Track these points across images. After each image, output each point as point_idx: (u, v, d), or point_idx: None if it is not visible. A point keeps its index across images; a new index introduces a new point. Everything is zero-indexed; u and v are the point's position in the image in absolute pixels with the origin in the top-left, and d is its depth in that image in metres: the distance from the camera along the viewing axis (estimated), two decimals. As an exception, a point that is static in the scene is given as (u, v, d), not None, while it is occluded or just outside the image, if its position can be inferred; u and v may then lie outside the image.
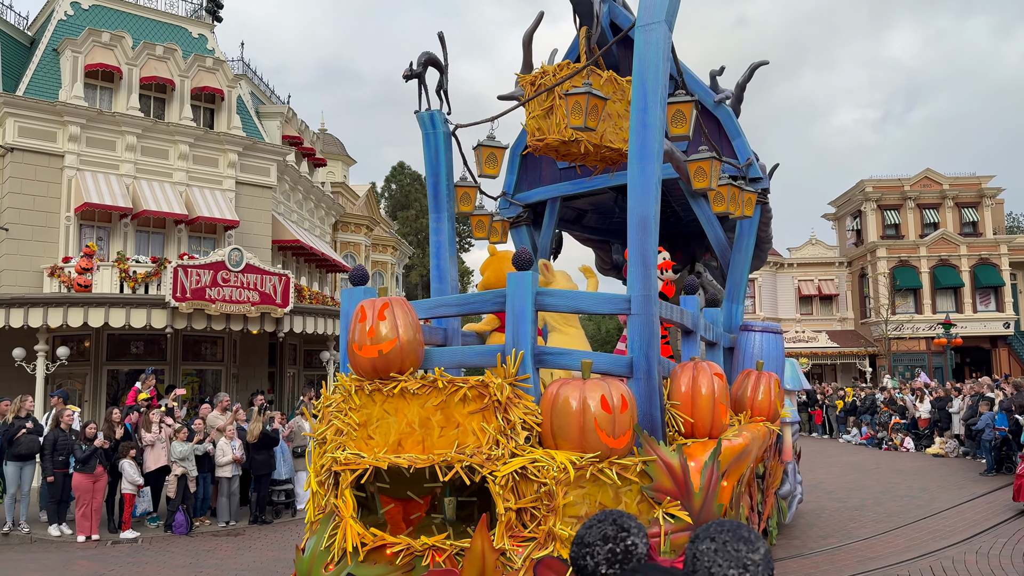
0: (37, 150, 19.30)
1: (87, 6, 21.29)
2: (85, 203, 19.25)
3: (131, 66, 20.89)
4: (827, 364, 38.98)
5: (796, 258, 40.89)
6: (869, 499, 12.70)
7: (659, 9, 5.06)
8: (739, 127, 8.43)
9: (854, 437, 22.49)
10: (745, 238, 8.70)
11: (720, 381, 4.98)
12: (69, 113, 19.62)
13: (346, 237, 27.60)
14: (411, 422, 4.64)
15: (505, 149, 6.92)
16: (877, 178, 39.31)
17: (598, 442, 4.21)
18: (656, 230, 4.97)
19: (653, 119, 4.98)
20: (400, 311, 4.73)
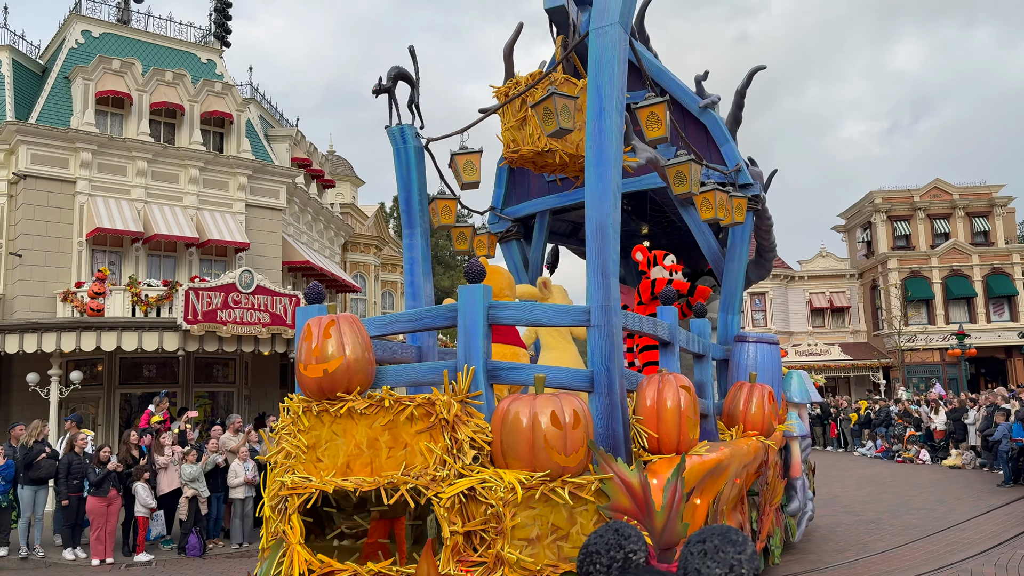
0: (49, 176, 19.55)
1: (98, 34, 21.62)
2: (97, 228, 19.44)
3: (141, 92, 21.15)
4: (840, 377, 38.69)
5: (807, 271, 40.86)
6: (885, 512, 12.53)
7: (612, 11, 4.91)
8: (727, 132, 8.25)
9: (869, 450, 22.21)
10: (738, 246, 8.48)
11: (687, 394, 4.77)
12: (80, 139, 19.87)
13: (356, 257, 27.65)
14: (359, 443, 4.49)
15: (479, 154, 6.79)
16: (886, 189, 39.26)
17: (548, 460, 4.03)
18: (615, 239, 4.81)
19: (609, 124, 4.83)
20: (348, 329, 4.60)
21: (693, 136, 8.60)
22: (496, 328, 6.58)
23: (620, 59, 4.91)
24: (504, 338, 7.15)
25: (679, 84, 8.40)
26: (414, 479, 4.18)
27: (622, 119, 4.95)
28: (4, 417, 18.81)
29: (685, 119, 8.57)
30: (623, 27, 4.94)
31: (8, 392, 19.20)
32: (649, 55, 8.56)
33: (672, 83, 8.41)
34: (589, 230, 4.80)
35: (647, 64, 8.53)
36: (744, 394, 7.37)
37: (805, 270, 40.82)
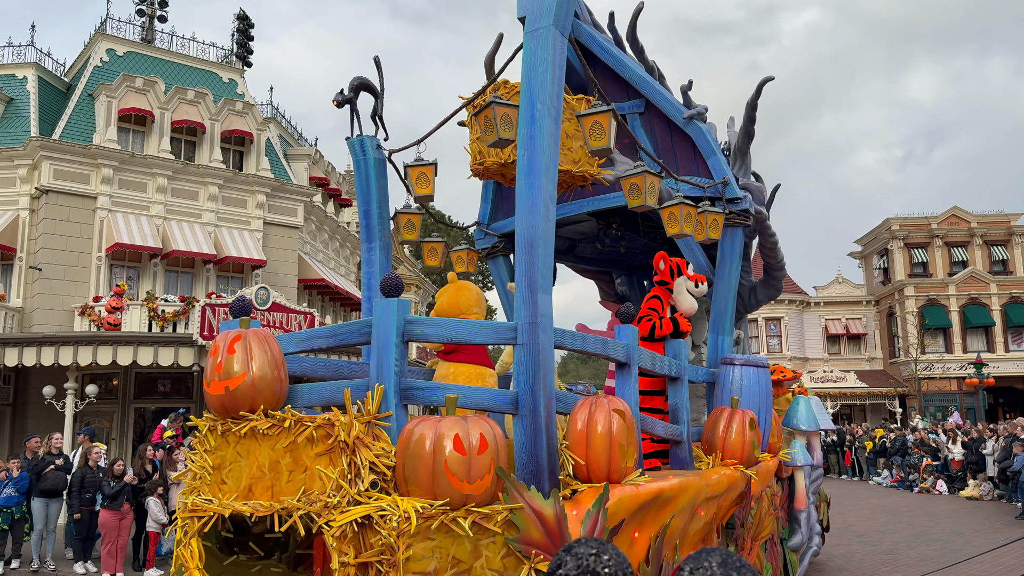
0: (71, 192, 19.90)
1: (122, 53, 22.04)
2: (116, 243, 19.70)
3: (163, 110, 21.46)
4: (856, 404, 38.32)
5: (823, 297, 40.70)
6: (901, 543, 12.31)
7: (546, 13, 4.63)
8: (713, 145, 7.88)
9: (884, 479, 21.78)
10: (727, 264, 8.07)
11: (620, 419, 4.39)
12: (102, 156, 20.20)
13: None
14: (261, 465, 4.23)
15: (433, 166, 6.54)
16: (903, 216, 38.95)
17: (449, 487, 3.70)
18: (546, 253, 4.49)
19: (541, 132, 4.53)
20: (256, 344, 4.35)
21: (680, 149, 8.25)
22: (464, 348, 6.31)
23: (554, 63, 4.62)
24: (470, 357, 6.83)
25: (665, 95, 8.07)
26: (306, 505, 3.87)
27: (557, 126, 4.65)
28: (20, 429, 19.05)
29: (671, 131, 8.23)
30: (559, 30, 4.66)
31: (24, 405, 19.43)
32: (633, 64, 8.25)
33: (657, 94, 8.08)
34: (518, 243, 4.51)
35: (629, 74, 8.24)
36: (724, 420, 6.94)
37: (821, 296, 40.74)
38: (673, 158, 8.30)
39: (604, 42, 8.34)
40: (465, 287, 7.03)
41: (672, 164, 8.33)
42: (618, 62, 8.25)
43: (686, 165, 8.22)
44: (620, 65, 8.24)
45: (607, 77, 8.59)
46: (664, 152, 8.37)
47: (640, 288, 12.20)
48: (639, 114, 8.43)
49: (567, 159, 7.11)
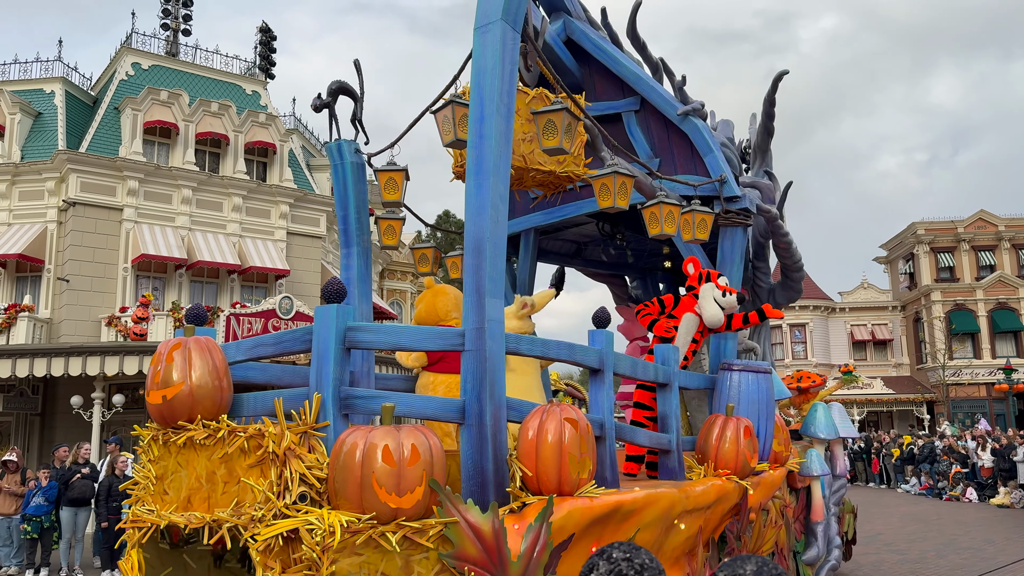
0: (97, 204, 20.28)
1: (147, 66, 22.43)
2: (142, 254, 19.99)
3: (187, 122, 21.76)
4: (883, 411, 37.72)
5: (848, 302, 40.30)
6: (931, 551, 12.09)
7: (495, 8, 4.46)
8: (710, 142, 7.60)
9: (913, 487, 21.34)
10: (728, 265, 7.77)
11: (572, 428, 4.16)
12: (128, 168, 20.55)
13: (393, 285, 27.71)
14: (199, 476, 4.13)
15: (403, 172, 6.39)
16: (929, 220, 38.33)
17: (376, 500, 3.53)
18: (495, 255, 4.30)
19: (490, 131, 4.36)
20: (197, 354, 4.25)
21: (677, 146, 7.99)
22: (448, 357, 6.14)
23: (506, 60, 4.44)
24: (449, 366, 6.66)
25: (659, 92, 7.82)
26: (234, 518, 3.72)
27: (508, 124, 4.47)
28: (48, 439, 19.38)
29: (668, 129, 7.98)
30: (510, 25, 4.49)
31: (52, 415, 19.77)
32: (626, 60, 8.01)
33: (651, 91, 7.84)
34: (467, 245, 4.34)
35: (622, 70, 8.03)
36: (717, 428, 6.63)
37: (846, 302, 40.37)
38: (670, 156, 8.05)
39: (598, 39, 8.13)
40: (442, 292, 6.87)
41: (669, 162, 8.09)
42: (611, 59, 8.03)
43: (683, 163, 7.97)
44: (613, 62, 8.03)
45: (603, 75, 8.39)
46: (661, 150, 8.12)
47: (655, 291, 11.92)
48: (635, 112, 8.20)
49: (551, 159, 6.91)
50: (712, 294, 6.74)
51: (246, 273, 21.83)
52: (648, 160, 8.13)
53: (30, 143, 20.74)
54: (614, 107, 8.27)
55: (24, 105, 20.78)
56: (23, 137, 20.71)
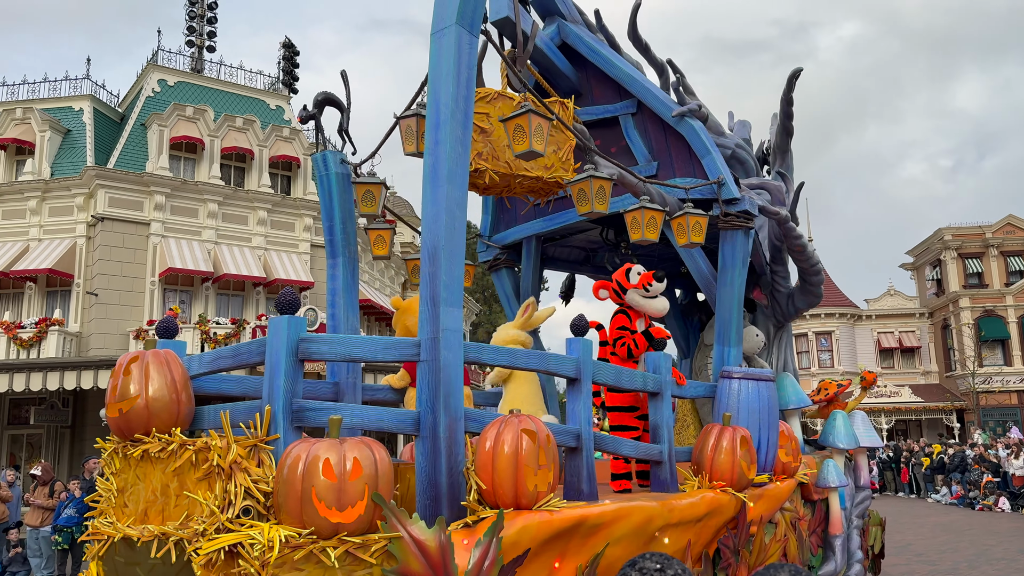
0: (125, 219, 20.70)
1: (173, 83, 22.87)
2: (169, 268, 20.33)
3: (213, 137, 22.12)
4: (911, 420, 37.16)
5: (874, 309, 39.99)
6: (963, 562, 11.91)
7: (449, 13, 4.39)
8: (708, 144, 7.43)
9: (944, 496, 20.94)
10: (729, 270, 7.56)
11: (530, 440, 4.04)
12: (155, 183, 20.95)
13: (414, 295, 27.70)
14: (155, 489, 4.12)
15: (381, 184, 6.35)
16: (956, 226, 37.86)
17: (315, 515, 3.46)
18: (451, 263, 4.22)
19: (445, 137, 4.29)
20: (155, 367, 4.25)
21: (676, 149, 7.83)
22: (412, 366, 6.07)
23: (462, 64, 4.36)
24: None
25: (654, 94, 7.68)
26: (180, 531, 3.68)
27: (465, 130, 4.39)
28: (79, 451, 19.76)
29: (666, 131, 7.83)
30: (466, 28, 4.41)
31: (83, 427, 20.16)
32: (622, 63, 7.88)
33: (647, 92, 7.70)
34: (423, 253, 4.27)
35: (617, 73, 7.90)
36: (712, 439, 6.43)
37: (873, 309, 40.05)
38: (668, 159, 7.89)
39: (592, 42, 8.01)
40: (410, 309, 6.81)
41: (667, 165, 7.93)
42: (605, 61, 7.91)
43: (682, 166, 7.80)
44: (607, 64, 7.90)
45: (599, 78, 8.27)
46: (659, 153, 7.97)
47: (672, 297, 11.72)
48: (631, 115, 8.05)
49: (538, 164, 6.82)
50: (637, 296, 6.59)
51: (271, 285, 22.07)
52: (646, 163, 7.99)
53: (59, 160, 21.27)
54: (611, 111, 8.14)
55: (53, 123, 21.33)
56: (53, 154, 21.25)
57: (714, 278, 7.84)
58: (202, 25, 23.84)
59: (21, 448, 20.16)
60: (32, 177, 20.73)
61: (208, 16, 23.88)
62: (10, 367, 17.41)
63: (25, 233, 20.30)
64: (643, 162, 7.97)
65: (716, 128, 10.12)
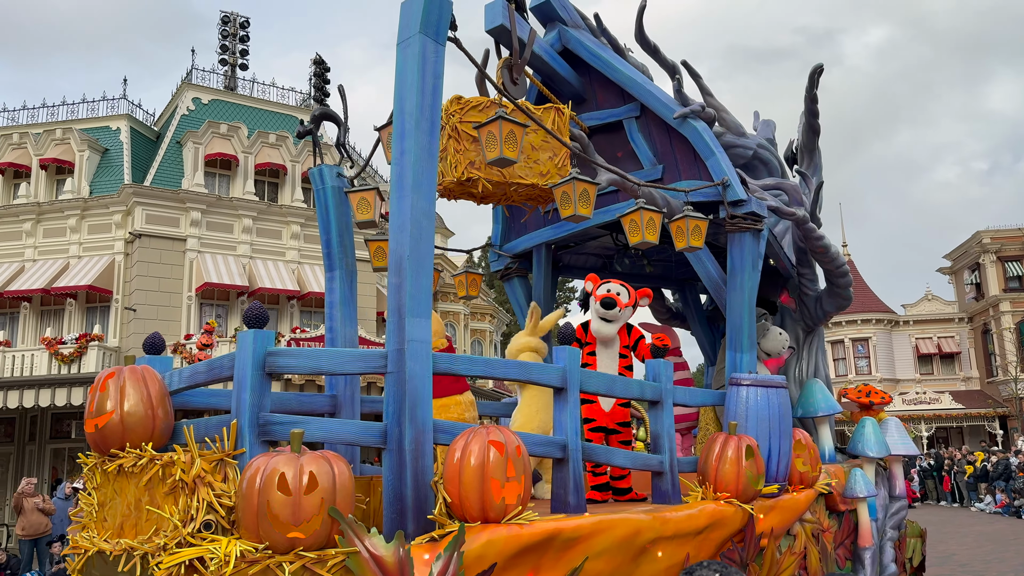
0: (162, 235, 21.21)
1: (207, 101, 23.41)
2: (205, 283, 20.77)
3: (247, 154, 22.55)
4: (952, 427, 36.27)
5: (912, 315, 39.39)
6: (1009, 573, 11.73)
7: (413, 22, 4.39)
8: (711, 145, 7.29)
9: (988, 505, 20.48)
10: (739, 274, 7.39)
11: (497, 451, 3.98)
12: (191, 200, 21.43)
13: (446, 307, 27.91)
14: (130, 503, 4.15)
15: (375, 191, 6.36)
16: (995, 228, 36.94)
17: (271, 530, 3.46)
18: (418, 273, 4.20)
19: (411, 146, 4.28)
20: (131, 383, 4.32)
21: (680, 152, 7.71)
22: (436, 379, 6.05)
23: (428, 74, 4.35)
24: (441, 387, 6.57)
25: (656, 96, 7.57)
26: (143, 545, 3.71)
27: (432, 139, 4.37)
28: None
29: (670, 134, 7.72)
30: (430, 37, 4.40)
31: (123, 440, 20.59)
32: (623, 66, 7.79)
33: (648, 95, 7.60)
34: (389, 264, 4.24)
35: (618, 76, 7.81)
36: (716, 448, 6.28)
37: (910, 314, 39.45)
38: (673, 161, 7.77)
39: (593, 46, 7.95)
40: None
41: (673, 168, 7.80)
42: (606, 65, 7.83)
43: (687, 168, 7.67)
44: (608, 68, 7.82)
45: (602, 82, 8.20)
46: (664, 156, 7.85)
47: (695, 303, 11.54)
48: (635, 118, 7.95)
49: (533, 172, 6.78)
50: (593, 308, 6.52)
51: (305, 298, 22.38)
52: (652, 167, 7.87)
53: (98, 178, 21.92)
54: (615, 115, 8.06)
55: (92, 142, 22.00)
56: (91, 173, 21.91)
57: (723, 282, 7.67)
58: (235, 44, 24.39)
59: (63, 462, 20.73)
60: (72, 196, 21.40)
61: (240, 35, 24.42)
62: (52, 382, 17.94)
63: (65, 251, 20.95)
64: (648, 166, 7.86)
65: (736, 128, 9.95)
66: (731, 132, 10.00)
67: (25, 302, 20.74)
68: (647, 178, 7.82)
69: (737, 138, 10.20)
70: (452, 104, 6.59)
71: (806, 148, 10.84)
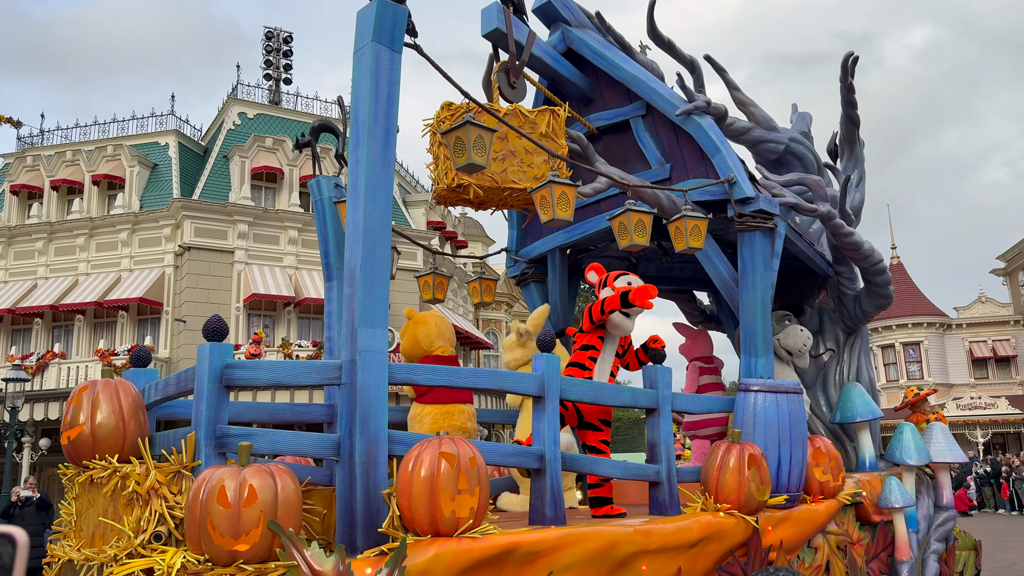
0: (210, 248, 21.83)
1: (252, 115, 24.03)
2: (253, 294, 21.30)
3: (291, 167, 23.06)
4: (1010, 432, 35.08)
5: (965, 318, 38.27)
6: None
7: (367, 30, 4.41)
8: (717, 141, 7.13)
9: None
10: (750, 274, 7.19)
11: (448, 463, 3.94)
12: (238, 213, 22.02)
13: (488, 315, 28.00)
14: (99, 513, 4.26)
15: None
16: None
17: (210, 542, 3.52)
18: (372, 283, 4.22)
19: (363, 155, 4.31)
20: (104, 396, 4.45)
21: (687, 149, 7.56)
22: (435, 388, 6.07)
23: (379, 81, 4.37)
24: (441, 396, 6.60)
25: (660, 93, 7.44)
26: (99, 556, 3.82)
27: (386, 147, 4.39)
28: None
29: (676, 132, 7.58)
30: (384, 45, 4.42)
31: (175, 449, 21.26)
32: (627, 64, 7.68)
33: (652, 93, 7.47)
34: (345, 274, 4.26)
35: (622, 75, 7.72)
36: (718, 457, 6.11)
37: (963, 317, 38.37)
38: (681, 160, 7.62)
39: (597, 46, 7.86)
40: (422, 321, 6.82)
41: (680, 166, 7.66)
42: (609, 64, 7.74)
43: (694, 166, 7.51)
44: (611, 66, 7.72)
45: (609, 82, 8.10)
46: (671, 155, 7.70)
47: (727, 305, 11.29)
48: (641, 117, 7.83)
49: (528, 176, 6.77)
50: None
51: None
52: (659, 166, 7.74)
53: (148, 193, 22.73)
54: (621, 114, 7.95)
55: (142, 158, 22.83)
56: (141, 188, 22.73)
57: (735, 283, 7.47)
58: (278, 59, 25.00)
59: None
60: (123, 210, 22.24)
61: (284, 50, 25.00)
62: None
63: (117, 264, 21.76)
64: (656, 165, 7.73)
65: (766, 122, 9.73)
66: (761, 127, 9.77)
67: (79, 315, 21.64)
68: (655, 178, 7.70)
69: (767, 132, 9.95)
70: (443, 111, 6.61)
71: (846, 140, 10.54)
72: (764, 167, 10.03)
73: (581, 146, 7.27)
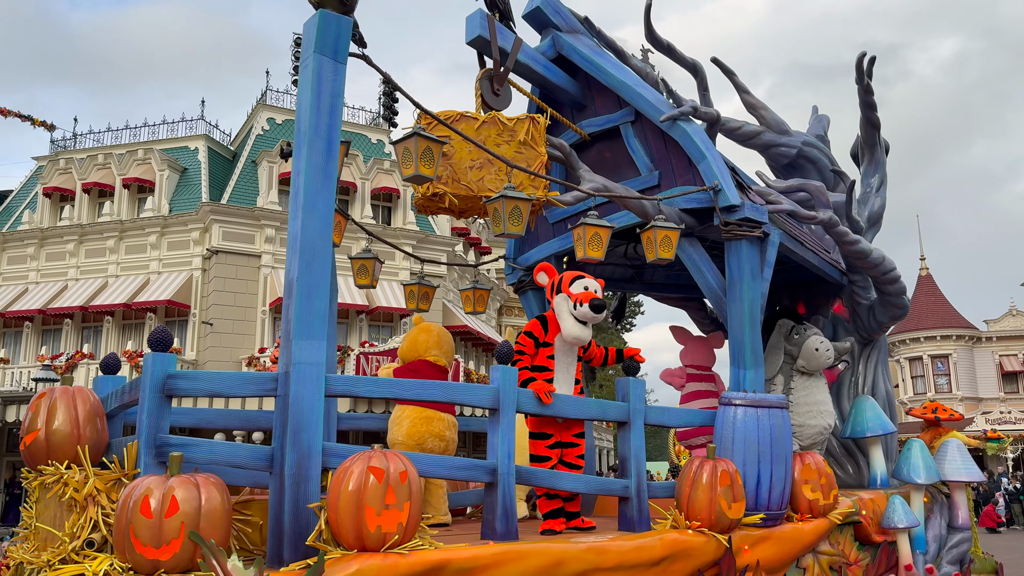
0: (238, 251, 22.25)
1: (280, 121, 24.44)
2: (279, 298, 21.63)
3: (318, 170, 23.37)
4: None
5: (995, 331, 37.79)
6: None
7: (309, 42, 4.47)
8: (703, 148, 7.05)
9: None
10: (737, 284, 7.09)
11: (376, 477, 3.97)
12: (265, 217, 22.41)
13: (510, 321, 28.07)
14: (49, 518, 4.39)
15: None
16: None
17: (132, 551, 3.61)
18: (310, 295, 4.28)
19: (303, 166, 4.40)
20: (61, 403, 4.61)
21: (675, 156, 7.51)
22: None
23: (322, 92, 4.45)
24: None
25: (647, 99, 7.38)
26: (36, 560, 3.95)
27: (328, 159, 4.45)
28: (198, 473, 21.29)
29: (664, 138, 7.52)
30: (327, 56, 4.49)
31: (201, 450, 21.70)
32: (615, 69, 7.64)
33: (639, 98, 7.43)
34: (284, 286, 4.32)
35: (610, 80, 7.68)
36: (691, 472, 6.03)
37: (993, 330, 37.87)
38: (669, 166, 7.57)
39: (585, 51, 7.83)
40: (425, 330, 6.88)
41: (669, 173, 7.60)
42: (597, 69, 7.71)
43: (682, 173, 7.46)
44: (599, 72, 7.69)
45: (599, 88, 8.07)
46: (660, 162, 7.65)
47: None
48: (631, 123, 7.78)
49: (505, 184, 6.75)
50: (565, 306, 5.82)
51: (373, 313, 22.95)
52: (648, 173, 7.69)
53: (177, 197, 23.26)
54: (611, 120, 7.91)
55: (171, 162, 23.39)
56: (170, 191, 23.28)
57: (724, 292, 7.38)
58: (307, 62, 25.38)
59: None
60: (152, 214, 22.81)
61: (313, 53, 25.39)
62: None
63: (146, 267, 22.31)
64: (645, 172, 7.68)
65: (778, 126, 9.62)
66: (772, 130, 9.65)
67: (108, 316, 22.24)
68: (644, 185, 7.67)
69: (778, 136, 9.83)
70: (421, 120, 6.66)
71: (866, 143, 10.38)
72: (777, 172, 9.90)
73: (564, 153, 7.27)
